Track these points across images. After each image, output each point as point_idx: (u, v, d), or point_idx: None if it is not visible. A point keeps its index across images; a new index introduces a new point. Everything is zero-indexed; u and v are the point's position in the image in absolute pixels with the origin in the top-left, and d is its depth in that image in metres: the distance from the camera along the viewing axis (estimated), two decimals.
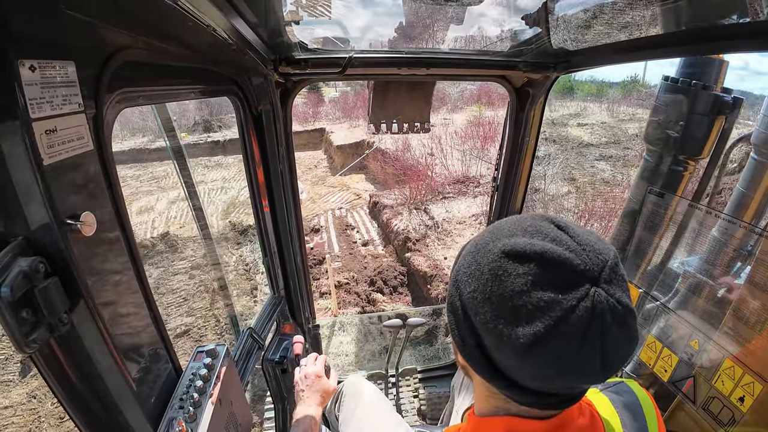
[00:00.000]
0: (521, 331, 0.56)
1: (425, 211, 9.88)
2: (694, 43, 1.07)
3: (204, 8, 0.79)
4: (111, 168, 0.71)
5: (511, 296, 0.57)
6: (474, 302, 0.62)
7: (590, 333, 0.54)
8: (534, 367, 0.58)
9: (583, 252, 0.57)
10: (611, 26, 1.25)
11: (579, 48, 1.53)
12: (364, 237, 10.05)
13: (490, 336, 0.61)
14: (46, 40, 0.56)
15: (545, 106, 2.01)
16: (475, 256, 0.65)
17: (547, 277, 0.56)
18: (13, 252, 0.53)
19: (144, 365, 0.82)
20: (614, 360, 0.58)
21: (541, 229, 0.61)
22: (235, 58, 1.29)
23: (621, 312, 0.56)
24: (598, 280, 0.56)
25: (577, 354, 0.55)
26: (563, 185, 9.84)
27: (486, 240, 0.65)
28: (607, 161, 11.66)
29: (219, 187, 14.08)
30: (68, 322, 0.61)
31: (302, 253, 2.12)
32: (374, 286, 7.38)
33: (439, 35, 1.61)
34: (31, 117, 0.52)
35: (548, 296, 0.55)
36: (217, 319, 6.53)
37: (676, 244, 1.52)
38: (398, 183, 11.76)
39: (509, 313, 0.58)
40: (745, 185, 1.60)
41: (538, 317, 0.55)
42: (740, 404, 1.26)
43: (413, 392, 2.64)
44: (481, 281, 0.61)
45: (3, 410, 4.82)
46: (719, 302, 1.34)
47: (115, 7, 0.70)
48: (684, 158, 1.67)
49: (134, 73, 0.81)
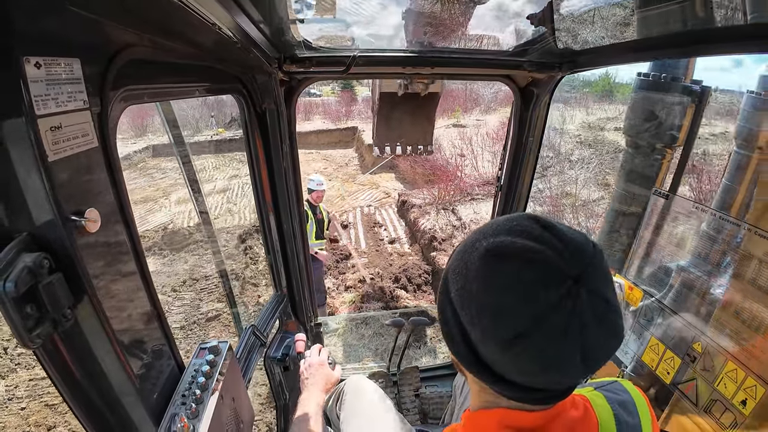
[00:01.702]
0: (504, 325, 0.59)
1: (453, 212, 9.85)
2: (700, 43, 1.07)
3: (209, 6, 0.79)
4: (115, 165, 0.72)
5: (494, 293, 0.60)
6: (461, 299, 0.65)
7: (570, 329, 0.56)
8: (517, 362, 0.61)
9: (566, 250, 0.58)
10: (617, 26, 1.24)
11: (584, 48, 1.52)
12: (391, 235, 10.10)
13: (476, 330, 0.63)
14: (51, 37, 0.56)
15: (550, 107, 2.00)
16: (463, 255, 0.67)
17: (529, 275, 0.58)
18: (17, 248, 0.54)
19: (147, 361, 0.82)
20: (595, 356, 0.60)
21: (525, 228, 0.62)
22: (240, 57, 1.30)
23: (602, 309, 0.58)
24: (580, 278, 0.57)
25: (557, 349, 0.57)
26: (596, 190, 9.69)
27: (473, 240, 0.67)
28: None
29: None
30: (72, 318, 0.62)
31: (305, 251, 2.13)
32: (398, 282, 7.44)
33: (444, 34, 1.61)
34: (36, 114, 0.53)
35: (530, 294, 0.57)
36: (246, 305, 6.65)
37: (680, 245, 1.51)
38: (427, 183, 11.75)
39: (493, 309, 0.60)
40: (730, 178, 1.63)
41: (520, 313, 0.57)
42: (742, 407, 1.25)
43: (414, 392, 2.64)
44: (467, 279, 0.64)
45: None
46: (722, 305, 1.33)
47: (120, 5, 0.70)
48: (661, 147, 1.80)
49: (139, 71, 0.81)
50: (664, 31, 1.15)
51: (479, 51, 1.72)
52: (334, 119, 22.49)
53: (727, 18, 0.94)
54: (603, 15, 1.23)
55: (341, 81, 22.94)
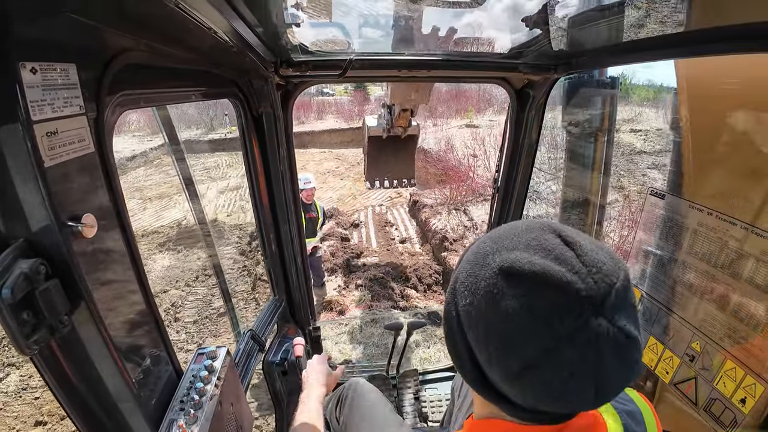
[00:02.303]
0: (511, 355, 0.54)
1: (464, 212, 9.82)
2: (694, 44, 1.08)
3: (205, 11, 0.79)
4: (112, 170, 0.72)
5: (504, 318, 0.54)
6: (468, 317, 0.60)
7: (585, 364, 0.51)
8: (524, 392, 0.57)
9: (588, 275, 0.52)
10: (612, 28, 1.25)
11: (579, 50, 1.53)
12: (402, 234, 10.08)
13: (482, 354, 0.59)
14: (47, 43, 0.56)
15: (545, 108, 2.01)
16: (474, 266, 0.62)
17: (545, 302, 0.52)
18: (14, 254, 0.54)
19: (144, 367, 0.82)
20: (609, 390, 0.55)
21: (545, 243, 0.56)
22: (236, 61, 1.30)
23: (623, 343, 0.52)
24: (601, 308, 0.51)
25: (569, 384, 0.53)
26: (611, 193, 9.62)
27: (486, 250, 0.61)
28: (659, 170, 11.13)
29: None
30: (69, 324, 0.61)
31: (303, 254, 2.12)
32: (409, 282, 7.44)
33: (440, 37, 1.61)
34: (32, 119, 0.52)
35: (543, 323, 0.52)
36: (257, 302, 6.64)
37: (676, 245, 1.51)
38: (439, 183, 11.68)
39: (501, 336, 0.55)
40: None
41: (531, 345, 0.53)
42: (742, 406, 1.25)
43: (414, 394, 2.63)
44: (476, 296, 0.59)
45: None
46: (721, 303, 1.34)
47: (116, 10, 0.71)
48: (592, 131, 2.14)
49: (135, 76, 0.81)
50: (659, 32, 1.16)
51: (475, 54, 1.73)
52: (347, 118, 22.49)
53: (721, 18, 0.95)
54: (597, 17, 1.24)
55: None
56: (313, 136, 20.59)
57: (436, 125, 19.65)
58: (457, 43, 1.64)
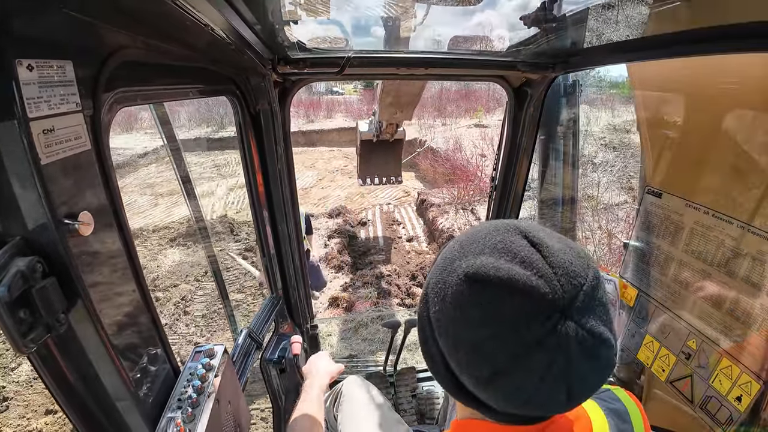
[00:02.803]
0: (480, 362, 0.54)
1: (472, 212, 9.86)
2: (693, 43, 1.08)
3: (202, 8, 0.79)
4: (108, 167, 0.71)
5: (472, 326, 0.54)
6: (438, 324, 0.60)
7: (555, 367, 0.51)
8: (497, 397, 0.56)
9: (555, 277, 0.51)
10: (610, 26, 1.25)
11: (577, 48, 1.54)
12: (409, 233, 10.09)
13: (453, 360, 0.59)
14: (44, 40, 0.55)
15: (543, 107, 2.02)
16: (442, 272, 0.61)
17: (511, 309, 0.52)
18: (10, 252, 0.53)
19: (142, 365, 0.82)
20: (581, 391, 0.55)
21: (510, 246, 0.55)
22: (234, 58, 1.29)
23: (591, 343, 0.51)
24: (568, 310, 0.51)
25: (539, 387, 0.52)
26: (619, 194, 9.58)
27: (454, 255, 0.61)
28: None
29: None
30: (66, 322, 0.61)
31: (300, 252, 2.12)
32: (415, 280, 7.48)
33: (438, 35, 1.62)
34: (28, 116, 0.52)
35: (509, 329, 0.51)
36: (265, 297, 6.67)
37: (673, 243, 1.52)
38: (447, 182, 11.66)
39: (469, 344, 0.55)
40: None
41: (499, 351, 0.52)
42: (738, 403, 1.26)
43: (411, 392, 2.64)
44: (444, 303, 0.58)
45: None
46: (717, 301, 1.35)
47: (113, 7, 0.70)
48: (563, 131, 2.26)
49: (132, 73, 0.80)
50: (657, 31, 1.16)
51: (473, 52, 1.73)
52: (356, 117, 22.43)
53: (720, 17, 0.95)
54: (596, 15, 1.24)
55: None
56: (322, 135, 20.59)
57: (445, 125, 19.69)
58: (455, 41, 1.64)
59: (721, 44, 0.99)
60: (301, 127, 20.98)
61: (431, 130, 18.57)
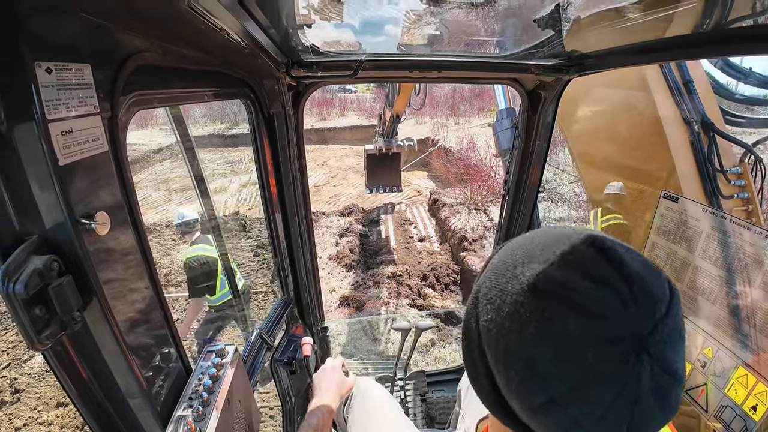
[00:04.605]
0: (534, 387, 0.48)
1: (485, 212, 9.83)
2: (708, 45, 1.05)
3: (217, 12, 0.80)
4: (125, 168, 0.73)
5: (529, 344, 0.48)
6: (488, 334, 0.53)
7: (618, 405, 0.44)
8: (545, 427, 0.50)
9: (634, 302, 0.44)
10: (625, 28, 1.23)
11: (592, 50, 1.52)
12: (421, 233, 10.15)
13: (501, 378, 0.52)
14: (62, 43, 0.57)
15: (557, 109, 1.99)
16: (500, 277, 0.54)
17: (577, 329, 0.45)
18: (27, 250, 0.55)
19: (154, 364, 0.83)
20: (643, 431, 0.47)
21: (584, 259, 0.49)
22: (248, 62, 1.31)
23: (665, 382, 0.45)
24: (645, 342, 0.44)
25: (598, 424, 0.45)
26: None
27: (515, 260, 0.54)
28: None
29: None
30: (81, 320, 0.62)
31: (312, 254, 2.13)
32: (426, 281, 7.50)
33: (451, 38, 1.61)
34: (47, 118, 0.53)
35: (575, 356, 0.45)
36: (276, 294, 6.80)
37: (689, 249, 1.49)
38: (460, 182, 11.64)
39: (524, 365, 0.48)
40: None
41: (558, 378, 0.46)
42: (753, 413, 1.23)
43: (421, 396, 2.63)
44: (499, 313, 0.51)
45: None
46: (733, 309, 1.31)
47: (130, 11, 0.72)
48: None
49: (148, 76, 0.82)
50: (673, 33, 1.14)
51: (486, 55, 1.72)
52: (369, 115, 22.57)
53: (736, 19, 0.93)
54: (610, 17, 1.22)
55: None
56: (335, 133, 20.78)
57: (458, 124, 19.57)
58: (468, 43, 1.63)
59: (738, 46, 0.97)
60: (313, 124, 21.15)
61: (444, 128, 18.49)
